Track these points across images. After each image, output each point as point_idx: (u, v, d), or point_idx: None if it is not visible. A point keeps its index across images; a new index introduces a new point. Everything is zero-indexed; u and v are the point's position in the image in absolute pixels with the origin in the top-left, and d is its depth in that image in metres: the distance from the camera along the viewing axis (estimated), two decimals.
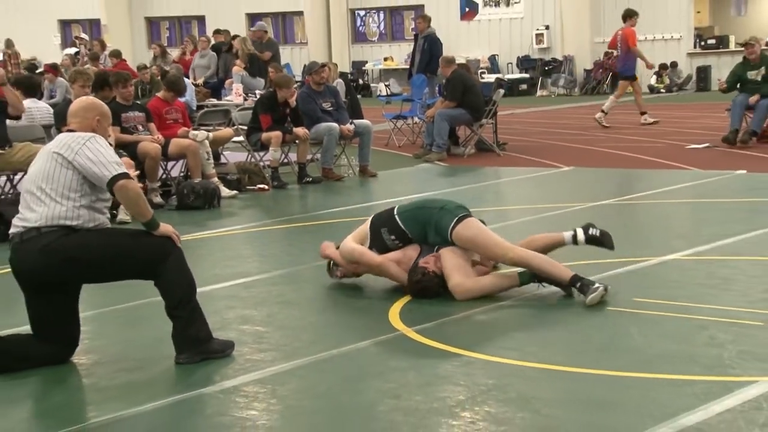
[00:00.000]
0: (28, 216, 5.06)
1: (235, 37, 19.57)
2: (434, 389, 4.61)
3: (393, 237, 6.49)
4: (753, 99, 14.31)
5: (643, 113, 18.45)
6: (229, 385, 4.79)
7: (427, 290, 6.22)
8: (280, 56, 18.84)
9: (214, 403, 4.57)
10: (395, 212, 6.55)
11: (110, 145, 5.24)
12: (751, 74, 14.58)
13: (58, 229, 5.02)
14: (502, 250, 6.25)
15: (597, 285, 5.96)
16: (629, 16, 18.87)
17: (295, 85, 13.39)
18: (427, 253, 6.38)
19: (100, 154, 5.06)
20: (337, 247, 6.78)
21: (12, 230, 5.14)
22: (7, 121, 10.18)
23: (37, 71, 20.36)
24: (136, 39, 34.70)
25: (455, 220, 6.32)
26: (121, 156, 10.41)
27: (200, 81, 18.52)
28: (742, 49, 15.84)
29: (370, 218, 6.71)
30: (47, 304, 5.08)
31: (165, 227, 5.18)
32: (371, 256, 6.47)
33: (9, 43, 25.56)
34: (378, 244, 6.51)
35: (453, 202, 6.59)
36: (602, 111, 18.41)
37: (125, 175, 5.06)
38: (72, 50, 24.08)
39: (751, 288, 6.27)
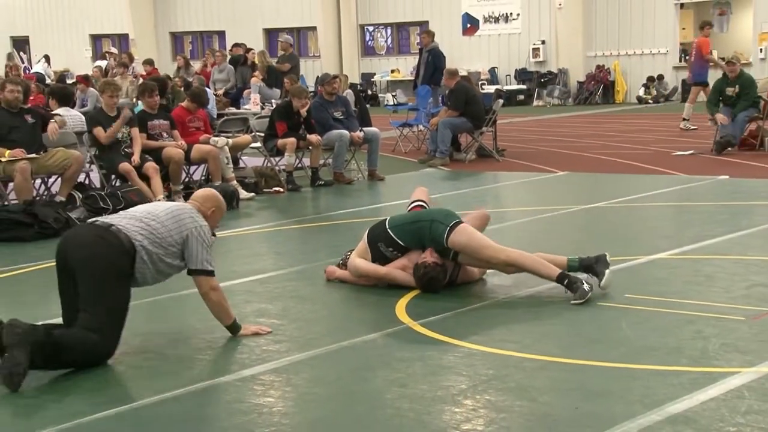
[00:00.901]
0: (121, 221, 5.09)
1: (249, 50, 19.58)
2: (438, 379, 4.59)
3: (391, 249, 6.40)
4: (719, 119, 14.34)
5: (685, 120, 18.35)
6: (247, 374, 4.78)
7: (434, 280, 6.17)
8: (299, 68, 18.86)
9: (232, 391, 4.56)
10: (387, 227, 6.43)
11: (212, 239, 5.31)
12: (729, 90, 14.60)
13: (125, 242, 4.99)
14: (494, 251, 6.17)
15: (584, 284, 5.88)
16: (703, 27, 18.88)
17: (309, 95, 13.38)
18: None
19: (203, 243, 5.17)
20: (339, 265, 6.72)
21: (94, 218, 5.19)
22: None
23: (69, 82, 20.39)
24: (161, 52, 34.73)
25: (447, 229, 6.22)
26: (147, 161, 10.53)
27: (220, 92, 18.53)
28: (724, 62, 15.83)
29: (366, 234, 6.57)
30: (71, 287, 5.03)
31: (247, 329, 5.36)
32: (376, 268, 6.40)
33: (10, 57, 25.56)
34: (379, 257, 6.43)
35: (442, 212, 6.47)
36: (684, 119, 18.35)
37: (213, 273, 5.20)
38: (102, 62, 24.11)
39: (733, 285, 6.24)
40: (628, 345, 5.02)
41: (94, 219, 5.26)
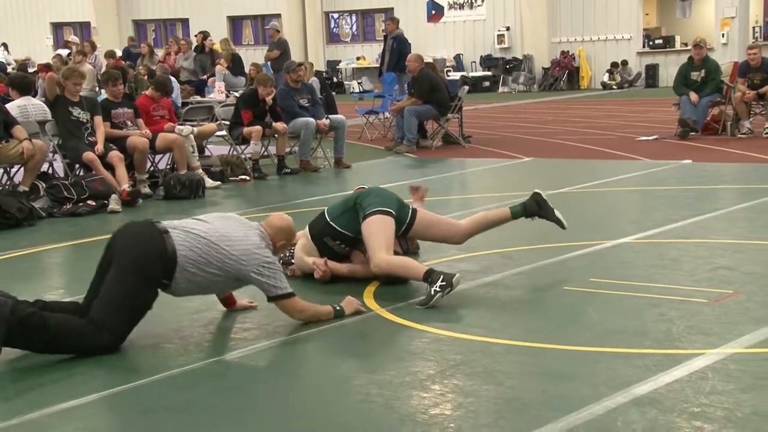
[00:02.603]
0: (179, 232, 5.03)
1: (206, 37, 19.46)
2: (406, 364, 4.61)
3: (338, 242, 6.23)
4: (693, 98, 14.37)
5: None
6: (213, 361, 4.77)
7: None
8: (289, 54, 18.74)
9: (198, 380, 4.55)
10: (329, 220, 6.21)
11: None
12: (694, 75, 14.66)
13: (169, 251, 4.93)
14: (374, 250, 5.91)
15: (433, 288, 5.55)
16: None
17: (274, 83, 13.33)
18: None
19: (271, 276, 5.11)
20: (281, 263, 6.49)
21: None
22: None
23: (31, 71, 20.16)
24: (124, 40, 34.42)
25: (363, 216, 6.04)
26: (111, 149, 10.46)
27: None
28: (688, 48, 15.94)
29: (307, 230, 6.34)
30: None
31: (349, 305, 5.40)
32: (336, 266, 6.25)
33: None
34: (327, 253, 6.24)
35: (371, 192, 6.20)
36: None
37: (292, 294, 5.18)
38: (64, 51, 23.85)
39: (697, 268, 6.31)
40: (593, 328, 5.07)
41: (158, 221, 5.14)
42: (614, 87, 27.97)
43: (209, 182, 11.27)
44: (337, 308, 5.38)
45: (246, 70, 17.92)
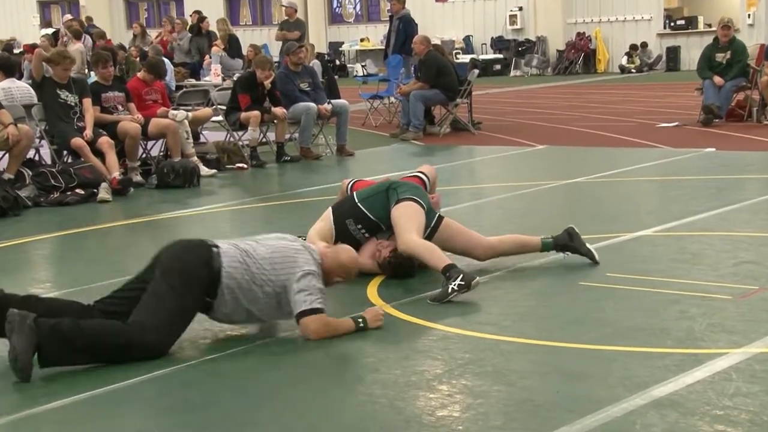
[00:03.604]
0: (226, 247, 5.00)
1: (203, 19, 19.44)
2: (412, 363, 4.62)
3: (360, 227, 6.30)
4: (717, 81, 14.31)
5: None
6: (207, 358, 4.77)
7: (402, 266, 6.16)
8: (306, 35, 18.65)
9: (199, 377, 4.55)
10: (357, 201, 6.35)
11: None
12: (719, 57, 14.58)
13: (215, 265, 4.89)
14: (403, 236, 6.02)
15: (458, 282, 5.59)
16: None
17: (274, 65, 13.32)
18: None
19: (311, 290, 4.96)
20: None
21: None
22: None
23: (16, 51, 20.16)
24: (115, 20, 34.43)
25: (396, 201, 6.18)
26: (101, 135, 10.46)
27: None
28: (711, 29, 15.87)
29: (330, 212, 6.45)
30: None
31: (374, 318, 5.13)
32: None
33: None
34: (345, 237, 6.27)
35: (408, 184, 6.40)
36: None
37: (322, 311, 4.96)
38: (49, 30, 23.86)
39: (720, 263, 6.31)
40: (610, 326, 5.06)
41: (208, 240, 5.10)
42: (633, 71, 27.90)
43: (204, 170, 11.27)
44: (360, 322, 5.11)
45: (244, 52, 17.90)
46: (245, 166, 12.05)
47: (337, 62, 31.28)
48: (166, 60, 15.15)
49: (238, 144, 12.54)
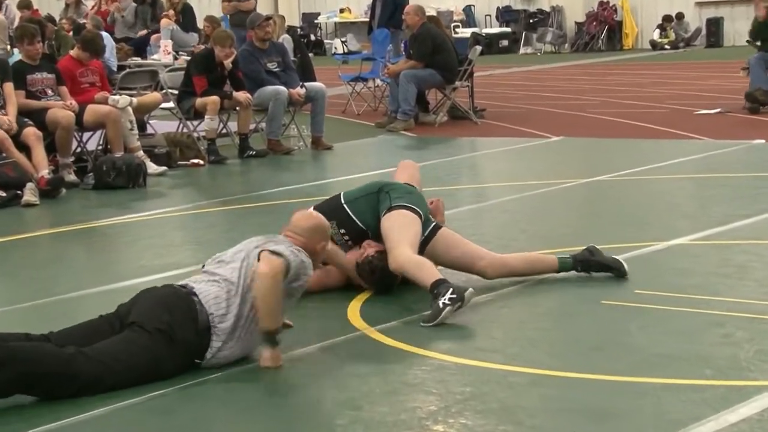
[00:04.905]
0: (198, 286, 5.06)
1: None
2: (401, 398, 4.62)
3: (343, 232, 6.33)
4: None
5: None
6: (156, 393, 4.76)
7: (384, 270, 6.12)
8: (275, 5, 18.66)
9: (145, 414, 4.55)
10: (342, 202, 6.41)
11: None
12: None
13: (196, 310, 4.94)
14: (395, 250, 6.04)
15: (441, 300, 5.61)
16: None
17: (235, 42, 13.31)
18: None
19: (296, 257, 5.03)
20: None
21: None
22: None
23: None
24: None
25: (387, 208, 6.23)
26: (26, 125, 10.42)
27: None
28: None
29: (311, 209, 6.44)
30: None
31: (276, 355, 5.05)
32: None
33: None
34: None
35: (402, 188, 6.44)
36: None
37: (286, 262, 4.96)
38: None
39: None
40: (638, 353, 5.07)
41: (181, 284, 5.17)
42: (666, 47, 28.02)
43: (152, 167, 11.25)
44: (278, 338, 5.08)
45: (199, 25, 17.89)
46: (201, 162, 12.03)
47: (312, 37, 31.31)
48: (105, 35, 15.11)
49: (192, 136, 12.53)
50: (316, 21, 32.55)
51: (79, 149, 11.68)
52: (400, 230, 6.13)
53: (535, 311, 5.91)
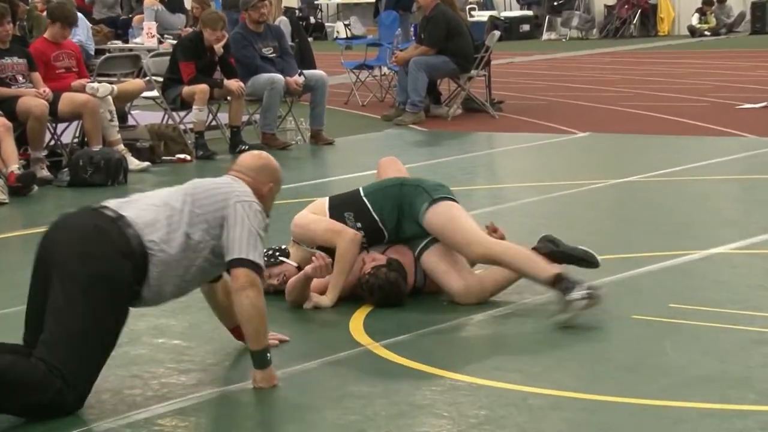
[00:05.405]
0: (135, 211, 5.04)
1: None
2: (409, 422, 4.62)
3: (360, 225, 6.40)
4: None
5: None
6: (140, 417, 4.77)
7: (382, 288, 6.13)
8: None
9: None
10: (362, 194, 6.51)
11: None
12: None
13: (133, 243, 4.89)
14: (472, 241, 6.20)
15: (584, 292, 5.82)
16: None
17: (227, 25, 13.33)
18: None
19: (251, 227, 5.01)
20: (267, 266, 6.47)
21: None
22: None
23: None
24: None
25: (429, 202, 6.30)
26: None
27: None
28: None
29: (326, 201, 6.61)
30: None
31: (269, 376, 5.03)
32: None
33: None
34: None
35: (433, 182, 6.60)
36: None
37: (259, 269, 5.00)
38: None
39: None
40: (673, 375, 5.07)
41: (101, 204, 5.14)
42: (706, 33, 27.99)
43: (134, 163, 11.26)
44: (269, 356, 5.05)
45: (187, 6, 17.91)
46: (188, 157, 12.04)
47: (312, 20, 31.33)
48: (80, 16, 15.10)
49: (179, 128, 12.53)
50: (316, 2, 32.57)
51: (53, 142, 11.70)
52: (467, 220, 6.31)
53: (559, 327, 5.90)
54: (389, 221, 6.39)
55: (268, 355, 5.02)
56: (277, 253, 6.51)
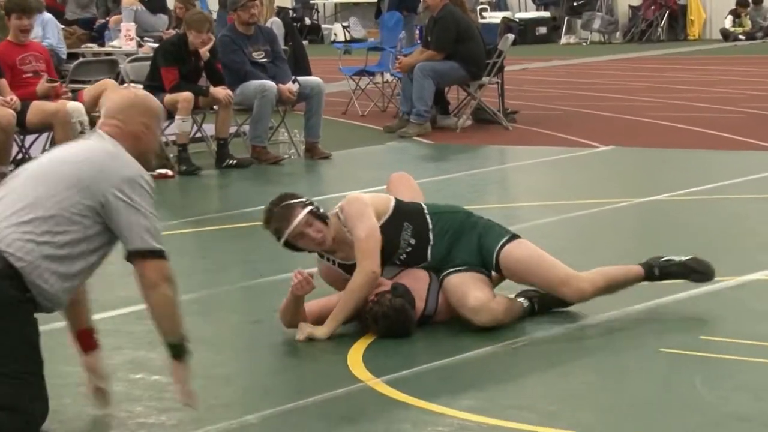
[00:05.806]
0: None
1: None
2: None
3: (413, 241, 6.49)
4: None
5: None
6: None
7: (387, 317, 6.14)
8: None
9: None
10: (425, 210, 6.63)
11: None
12: None
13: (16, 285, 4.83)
14: (563, 275, 6.45)
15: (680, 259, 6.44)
16: None
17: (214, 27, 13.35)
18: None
19: (136, 206, 5.02)
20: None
21: None
22: None
23: None
24: None
25: (508, 237, 6.52)
26: None
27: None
28: None
29: (393, 200, 6.67)
30: None
31: (187, 375, 4.98)
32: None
33: None
34: (391, 237, 6.43)
35: (491, 222, 6.80)
36: None
37: (162, 254, 4.97)
38: None
39: None
40: (703, 413, 5.07)
41: None
42: (741, 37, 28.01)
43: None
44: (186, 344, 5.02)
45: (170, 6, 17.94)
46: (170, 172, 12.04)
47: (308, 21, 31.38)
48: (50, 17, 15.11)
49: (159, 140, 12.54)
50: (312, 1, 32.63)
51: (20, 155, 11.71)
52: (550, 259, 6.51)
53: (579, 361, 5.90)
54: (439, 246, 6.48)
55: (186, 343, 4.96)
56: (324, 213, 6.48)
